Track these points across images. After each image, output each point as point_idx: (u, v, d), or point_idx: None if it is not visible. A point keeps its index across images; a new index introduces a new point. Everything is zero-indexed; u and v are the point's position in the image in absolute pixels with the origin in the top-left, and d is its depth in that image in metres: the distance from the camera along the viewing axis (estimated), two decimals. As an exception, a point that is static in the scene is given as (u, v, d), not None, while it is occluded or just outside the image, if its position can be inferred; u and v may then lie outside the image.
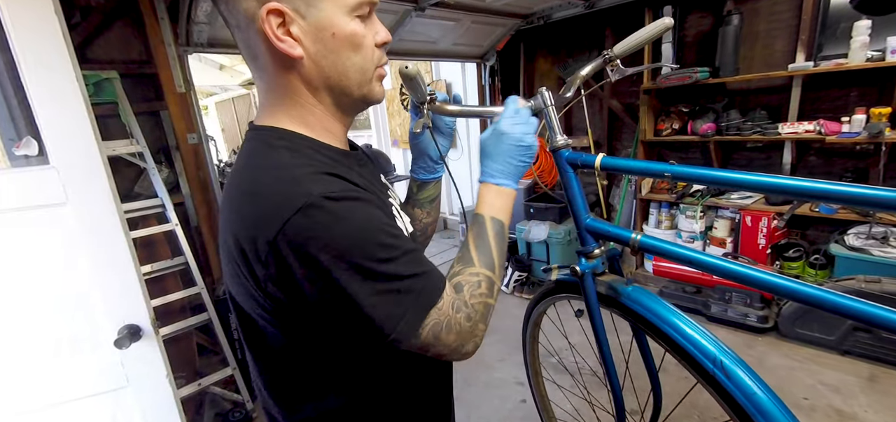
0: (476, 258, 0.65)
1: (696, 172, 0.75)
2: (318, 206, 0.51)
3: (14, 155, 1.18)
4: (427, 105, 0.76)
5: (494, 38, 3.73)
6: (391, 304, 0.55)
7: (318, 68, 0.59)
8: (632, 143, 3.52)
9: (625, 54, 0.85)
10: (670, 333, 0.78)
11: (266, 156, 0.58)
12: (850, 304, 0.54)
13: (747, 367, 0.70)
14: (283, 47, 0.55)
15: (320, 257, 0.51)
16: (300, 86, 0.60)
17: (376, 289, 0.54)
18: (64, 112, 1.03)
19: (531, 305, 1.30)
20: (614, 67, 0.86)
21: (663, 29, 0.84)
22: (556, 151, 0.85)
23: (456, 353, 0.61)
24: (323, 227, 0.51)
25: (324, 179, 0.55)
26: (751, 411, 0.66)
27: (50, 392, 1.15)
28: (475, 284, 0.63)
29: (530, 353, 1.44)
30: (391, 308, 0.55)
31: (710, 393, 0.74)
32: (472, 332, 0.61)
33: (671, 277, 3.06)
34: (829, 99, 2.71)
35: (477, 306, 0.62)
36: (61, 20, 1.00)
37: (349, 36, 0.58)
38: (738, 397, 0.68)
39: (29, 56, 0.98)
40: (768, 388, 0.68)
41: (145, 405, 1.24)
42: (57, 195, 1.06)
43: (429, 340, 0.58)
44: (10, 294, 1.08)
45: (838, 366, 2.32)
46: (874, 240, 2.44)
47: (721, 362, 0.70)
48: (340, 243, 0.52)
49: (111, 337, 1.13)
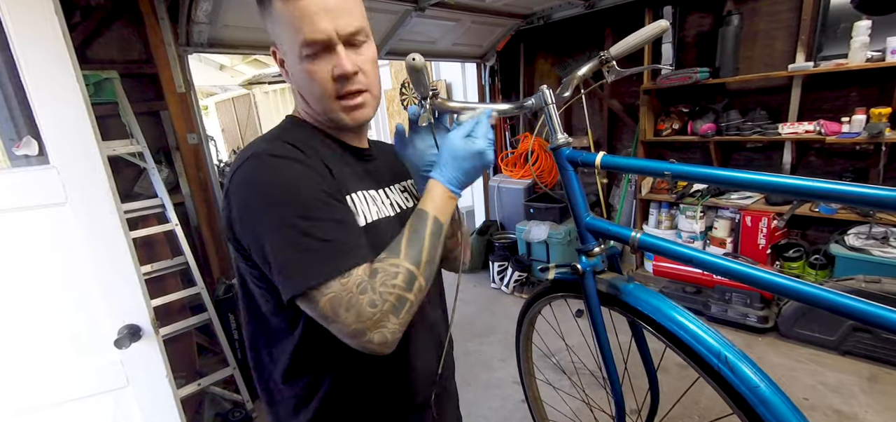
0: (404, 250, 0.65)
1: (697, 171, 0.75)
2: (259, 156, 0.64)
3: (14, 155, 1.18)
4: (430, 100, 0.75)
5: (494, 38, 3.73)
6: (293, 255, 0.60)
7: (299, 87, 0.73)
8: (632, 143, 3.53)
9: (621, 56, 0.86)
10: (673, 329, 0.77)
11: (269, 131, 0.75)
12: (850, 304, 0.54)
13: (751, 361, 0.70)
14: (283, 74, 0.74)
15: (250, 199, 0.62)
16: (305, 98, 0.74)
17: (286, 237, 0.60)
18: (64, 112, 1.03)
19: (526, 305, 1.29)
20: (610, 69, 0.86)
21: (660, 31, 0.85)
22: (556, 150, 0.85)
23: (356, 338, 0.60)
24: (259, 174, 0.63)
25: (277, 143, 0.67)
26: (755, 405, 0.66)
27: (50, 392, 1.15)
28: (392, 275, 0.63)
29: (524, 353, 1.43)
30: (291, 258, 0.60)
31: (713, 388, 0.74)
32: (377, 322, 0.60)
33: (671, 277, 3.06)
34: (829, 99, 2.71)
35: (387, 296, 0.61)
36: (61, 20, 1.00)
37: (304, 72, 0.69)
38: (742, 391, 0.68)
39: (29, 56, 0.98)
40: (771, 381, 0.68)
41: (145, 405, 1.24)
42: (57, 195, 1.06)
43: (327, 310, 0.60)
44: (10, 294, 1.08)
45: (838, 366, 2.31)
46: (874, 240, 2.44)
47: (725, 357, 0.70)
48: (270, 192, 0.62)
49: (111, 337, 1.12)
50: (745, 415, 0.69)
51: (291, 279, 0.60)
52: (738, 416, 0.71)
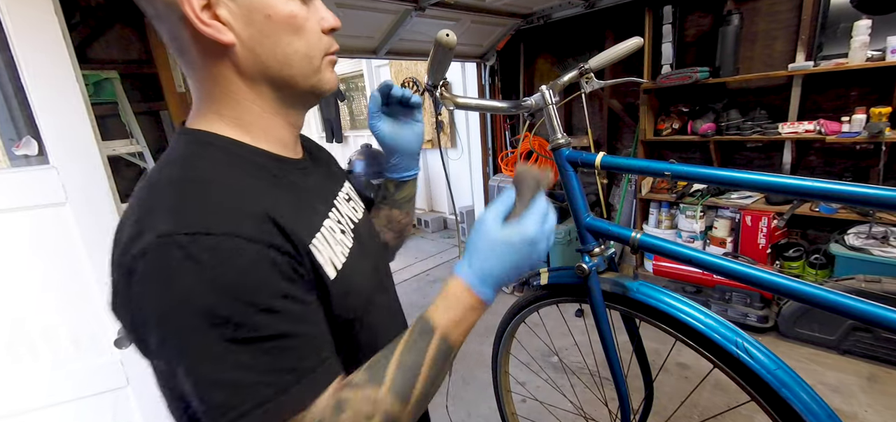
0: (389, 378, 0.47)
1: (696, 171, 0.75)
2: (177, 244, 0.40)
3: (14, 155, 1.18)
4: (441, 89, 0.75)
5: (494, 38, 3.73)
6: (220, 393, 0.41)
7: (253, 56, 0.50)
8: (632, 143, 3.52)
9: (599, 68, 0.88)
10: (687, 320, 0.78)
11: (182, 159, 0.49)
12: (850, 303, 0.54)
13: (763, 346, 0.71)
14: (210, 32, 0.47)
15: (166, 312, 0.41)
16: (234, 78, 0.51)
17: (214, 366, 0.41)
18: (64, 112, 1.03)
19: (509, 316, 1.18)
20: (589, 80, 0.88)
21: (633, 48, 0.88)
22: (556, 150, 0.85)
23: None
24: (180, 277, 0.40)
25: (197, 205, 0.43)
26: (776, 386, 0.67)
27: (50, 391, 1.15)
28: (363, 416, 0.45)
29: (501, 367, 1.30)
30: (219, 396, 0.41)
31: (728, 376, 0.74)
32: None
33: (671, 277, 3.05)
34: (829, 99, 2.71)
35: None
36: (61, 20, 1.00)
37: (286, 18, 0.50)
38: (762, 374, 0.68)
39: (29, 56, 0.98)
40: (785, 364, 0.69)
41: (145, 405, 1.24)
42: (57, 195, 1.06)
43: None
44: (10, 294, 1.08)
45: (838, 365, 2.31)
46: (874, 239, 2.44)
47: (742, 343, 0.71)
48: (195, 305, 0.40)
49: (111, 336, 1.12)
50: (764, 398, 0.70)
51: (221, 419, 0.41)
52: (757, 401, 0.71)
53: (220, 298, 0.40)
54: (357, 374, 0.48)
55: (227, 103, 0.52)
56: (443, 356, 0.51)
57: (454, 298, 0.53)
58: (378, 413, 0.46)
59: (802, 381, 0.68)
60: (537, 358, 2.33)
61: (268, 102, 0.54)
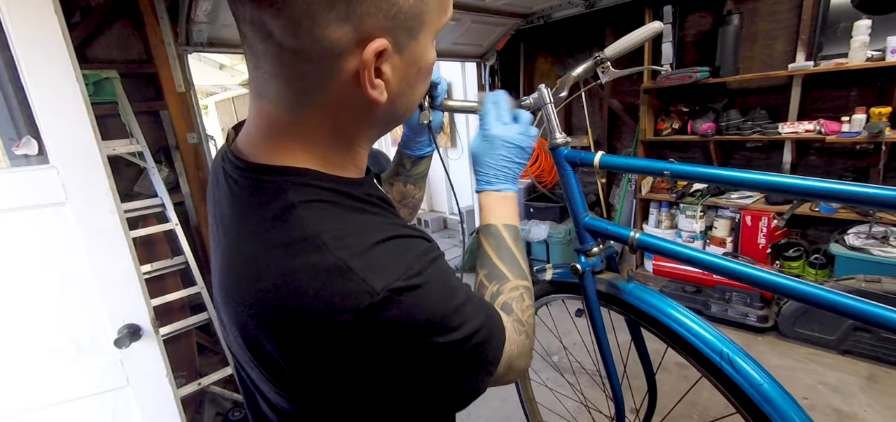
0: (507, 272, 0.62)
1: (696, 171, 0.75)
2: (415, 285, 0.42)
3: (14, 155, 1.18)
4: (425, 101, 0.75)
5: (494, 37, 3.73)
6: (473, 365, 0.49)
7: (391, 106, 0.46)
8: (632, 142, 3.52)
9: (616, 56, 0.85)
10: (674, 327, 0.78)
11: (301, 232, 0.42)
12: (850, 303, 0.54)
13: (752, 359, 0.71)
14: (374, 94, 0.42)
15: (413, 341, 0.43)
16: (362, 124, 0.48)
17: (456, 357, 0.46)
18: (64, 112, 1.03)
19: None
20: (605, 69, 0.86)
21: (654, 32, 0.84)
22: (555, 150, 0.84)
23: (521, 374, 0.59)
24: (427, 304, 0.43)
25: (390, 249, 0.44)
26: (759, 402, 0.67)
27: (50, 391, 1.15)
28: (519, 299, 0.61)
29: None
30: (473, 370, 0.49)
31: (715, 386, 0.74)
32: (532, 346, 0.61)
33: (671, 277, 3.06)
34: (829, 99, 2.71)
35: (528, 321, 0.61)
36: (61, 20, 1.00)
37: (430, 66, 0.48)
38: (746, 389, 0.68)
39: (29, 56, 0.98)
40: (773, 379, 0.68)
41: (145, 405, 1.24)
42: (57, 195, 1.05)
43: (501, 374, 0.54)
44: (10, 294, 1.08)
45: (838, 366, 2.31)
46: (874, 239, 2.44)
47: (728, 354, 0.71)
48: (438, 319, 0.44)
49: (111, 336, 1.13)
50: (748, 413, 0.69)
51: (481, 387, 0.51)
52: (741, 414, 0.71)
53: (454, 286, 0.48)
54: (488, 289, 0.61)
55: (320, 144, 0.47)
56: (516, 235, 0.65)
57: (490, 203, 0.66)
58: (523, 292, 0.61)
59: (790, 396, 0.67)
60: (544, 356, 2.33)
61: (365, 141, 0.52)
